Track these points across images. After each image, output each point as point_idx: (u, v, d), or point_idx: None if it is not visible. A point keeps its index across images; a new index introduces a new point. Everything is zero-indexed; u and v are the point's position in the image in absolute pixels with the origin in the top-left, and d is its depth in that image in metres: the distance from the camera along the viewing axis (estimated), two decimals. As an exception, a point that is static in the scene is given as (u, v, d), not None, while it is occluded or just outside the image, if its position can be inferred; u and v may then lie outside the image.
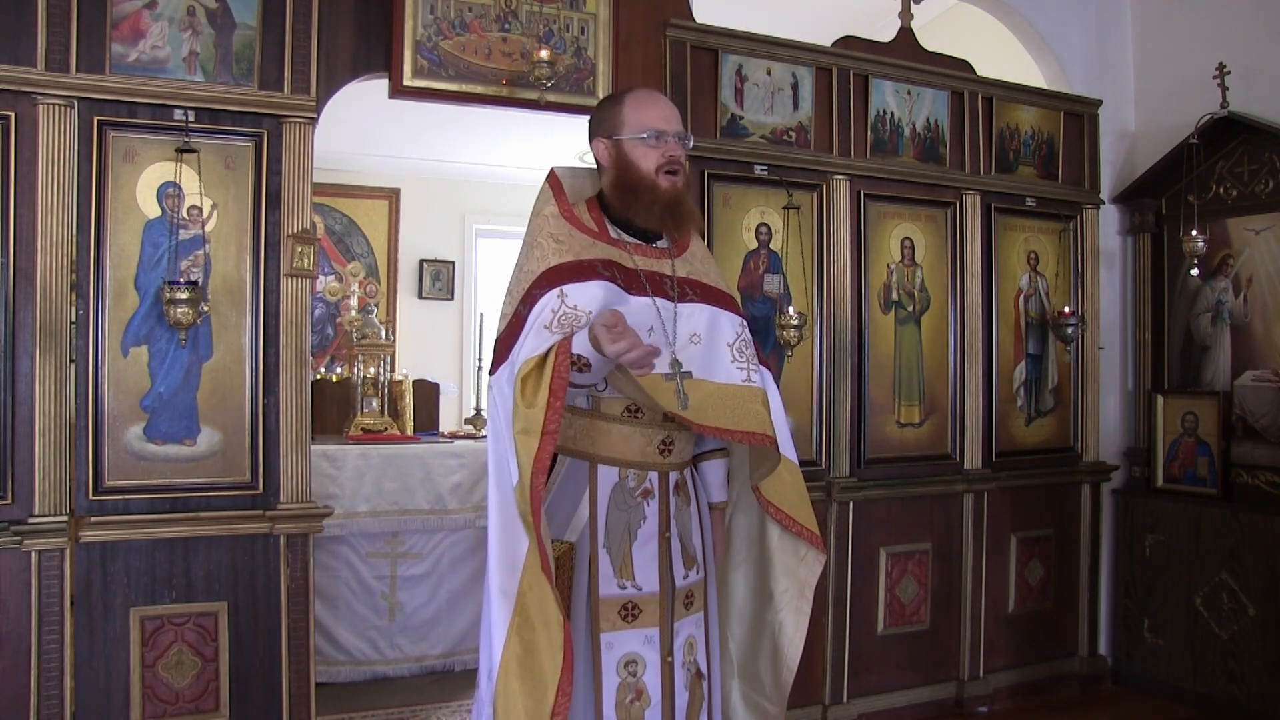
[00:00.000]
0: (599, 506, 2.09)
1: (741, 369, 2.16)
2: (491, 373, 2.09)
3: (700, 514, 2.26)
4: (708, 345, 2.14)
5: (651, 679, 2.09)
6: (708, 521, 2.29)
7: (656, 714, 2.08)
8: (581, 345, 1.90)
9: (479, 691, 2.13)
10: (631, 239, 2.18)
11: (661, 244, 2.22)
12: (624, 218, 2.17)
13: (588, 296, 1.99)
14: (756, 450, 2.21)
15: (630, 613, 2.08)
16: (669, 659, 2.11)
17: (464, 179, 7.37)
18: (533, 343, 1.93)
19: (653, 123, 2.12)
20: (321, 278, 6.28)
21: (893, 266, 3.80)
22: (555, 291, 1.98)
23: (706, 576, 2.25)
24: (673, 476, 2.17)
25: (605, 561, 2.08)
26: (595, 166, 2.28)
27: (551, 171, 2.28)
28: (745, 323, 2.25)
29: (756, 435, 2.10)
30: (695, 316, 2.15)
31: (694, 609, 2.20)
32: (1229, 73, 3.90)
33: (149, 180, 2.72)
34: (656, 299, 2.10)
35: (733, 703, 2.40)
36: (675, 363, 2.07)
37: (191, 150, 2.74)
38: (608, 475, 2.09)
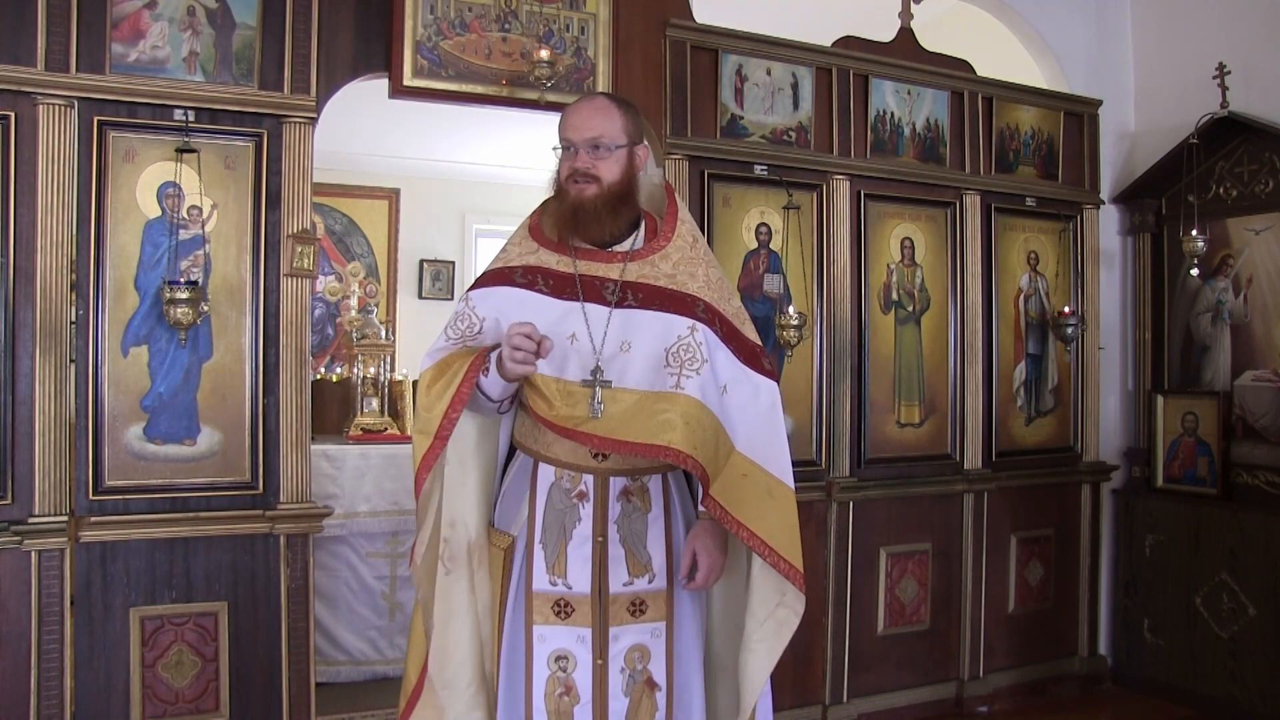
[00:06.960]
0: (537, 504, 2.12)
1: (672, 374, 2.02)
2: None
3: (669, 523, 2.16)
4: (641, 352, 2.05)
5: (582, 677, 2.11)
6: (679, 532, 2.17)
7: (586, 712, 2.11)
8: (489, 385, 2.02)
9: None
10: (585, 245, 2.16)
11: (621, 247, 2.16)
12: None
13: (489, 302, 2.14)
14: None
15: (563, 610, 2.11)
16: (600, 661, 2.11)
17: (464, 179, 7.35)
18: (437, 345, 2.13)
19: (563, 133, 2.15)
20: (321, 278, 6.28)
21: (893, 266, 3.80)
22: (464, 298, 2.18)
23: (673, 587, 2.15)
24: (616, 482, 2.11)
25: (540, 557, 2.12)
26: None
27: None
28: (705, 326, 2.07)
29: (654, 448, 1.96)
30: (632, 322, 2.08)
31: (646, 618, 2.13)
32: (1229, 73, 3.89)
33: (149, 180, 2.72)
34: (587, 304, 2.08)
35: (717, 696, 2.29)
36: (597, 370, 2.04)
37: (191, 150, 2.74)
38: (546, 474, 2.12)
